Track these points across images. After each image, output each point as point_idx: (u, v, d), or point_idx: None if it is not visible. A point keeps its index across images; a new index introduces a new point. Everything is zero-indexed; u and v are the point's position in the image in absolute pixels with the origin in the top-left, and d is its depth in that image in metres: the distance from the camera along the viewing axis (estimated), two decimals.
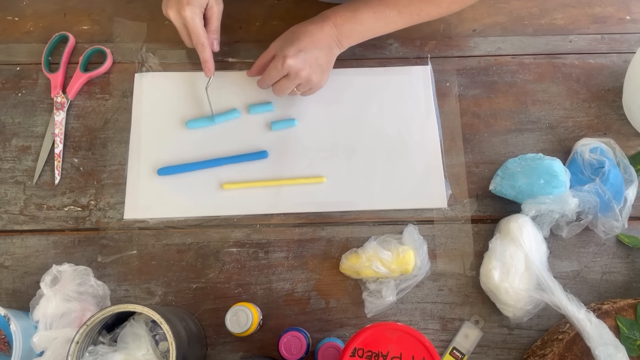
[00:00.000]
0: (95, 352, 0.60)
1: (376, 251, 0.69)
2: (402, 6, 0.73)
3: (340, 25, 0.72)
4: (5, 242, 0.73)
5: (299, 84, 0.72)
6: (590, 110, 0.80)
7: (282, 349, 0.64)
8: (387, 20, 0.74)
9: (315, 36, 0.71)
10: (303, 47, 0.70)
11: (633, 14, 0.86)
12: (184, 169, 0.75)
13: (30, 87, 0.80)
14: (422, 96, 0.80)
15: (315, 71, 0.72)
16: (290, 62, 0.69)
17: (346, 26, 0.72)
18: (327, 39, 0.72)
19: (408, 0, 0.73)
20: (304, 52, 0.70)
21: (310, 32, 0.71)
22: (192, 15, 0.70)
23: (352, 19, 0.72)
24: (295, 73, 0.70)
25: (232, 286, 0.71)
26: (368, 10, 0.73)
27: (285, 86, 0.72)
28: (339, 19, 0.72)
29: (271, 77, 0.72)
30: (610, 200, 0.68)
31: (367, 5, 0.73)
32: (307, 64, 0.70)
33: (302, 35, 0.71)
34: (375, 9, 0.73)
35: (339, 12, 0.73)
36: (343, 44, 0.74)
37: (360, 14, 0.72)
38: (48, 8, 0.85)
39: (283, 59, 0.69)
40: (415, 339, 0.54)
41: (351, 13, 0.73)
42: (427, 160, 0.77)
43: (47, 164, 0.76)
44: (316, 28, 0.72)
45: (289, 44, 0.70)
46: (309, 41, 0.70)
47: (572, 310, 0.62)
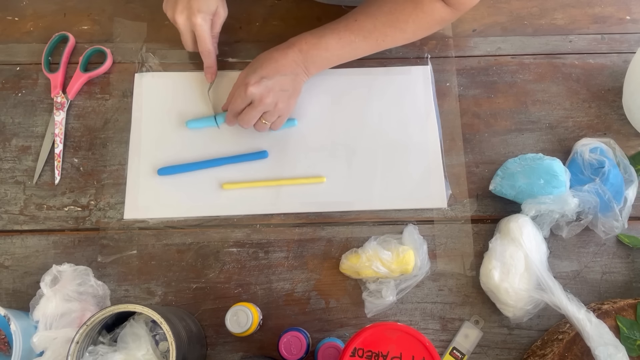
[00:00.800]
0: (95, 352, 0.60)
1: (376, 251, 0.69)
2: (367, 32, 0.72)
3: (305, 51, 0.72)
4: (5, 242, 0.73)
5: (266, 113, 0.72)
6: (590, 110, 0.80)
7: (282, 349, 0.64)
8: (353, 46, 0.73)
9: (280, 62, 0.71)
10: (266, 74, 0.70)
11: (633, 14, 0.86)
12: (184, 169, 0.75)
13: (30, 87, 0.80)
14: (422, 96, 0.80)
15: (280, 98, 0.71)
16: (252, 90, 0.69)
17: (312, 52, 0.72)
18: (292, 65, 0.71)
19: (372, 26, 0.72)
20: (266, 79, 0.69)
21: (274, 59, 0.71)
22: (202, 22, 0.71)
23: (318, 45, 0.72)
24: (258, 100, 0.70)
25: (232, 286, 0.71)
26: (334, 36, 0.72)
27: (251, 115, 0.71)
28: (304, 45, 0.72)
29: (235, 106, 0.72)
30: (610, 200, 0.68)
31: (333, 32, 0.72)
32: (270, 90, 0.70)
33: (266, 63, 0.71)
34: (340, 35, 0.72)
35: (305, 39, 0.72)
36: (310, 70, 0.74)
37: (326, 40, 0.72)
38: (48, 8, 0.85)
39: (245, 87, 0.69)
40: (415, 339, 0.54)
41: (316, 39, 0.72)
42: (427, 160, 0.77)
43: (47, 164, 0.76)
44: (280, 55, 0.71)
45: (252, 72, 0.70)
46: (272, 68, 0.70)
47: (572, 310, 0.62)
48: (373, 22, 0.72)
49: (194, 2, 0.70)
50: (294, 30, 0.84)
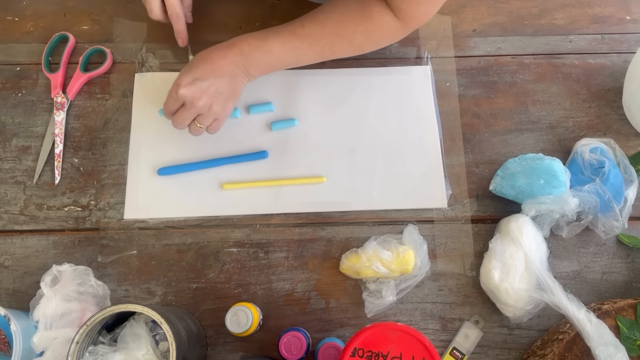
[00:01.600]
0: (95, 352, 0.60)
1: (376, 251, 0.69)
2: (313, 39, 0.70)
3: (247, 53, 0.69)
4: (5, 242, 0.73)
5: (200, 116, 0.69)
6: (590, 110, 0.80)
7: (282, 349, 0.64)
8: (298, 52, 0.71)
9: (216, 64, 0.68)
10: (200, 76, 0.67)
11: (633, 14, 0.86)
12: (184, 169, 0.75)
13: (30, 87, 0.80)
14: (422, 96, 0.80)
15: (216, 100, 0.69)
16: (182, 92, 0.66)
17: (254, 54, 0.69)
18: (230, 66, 0.68)
19: (319, 33, 0.70)
20: (200, 81, 0.67)
21: (211, 60, 0.68)
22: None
23: (261, 47, 0.69)
24: (190, 102, 0.67)
25: (232, 286, 0.71)
26: (278, 40, 0.69)
27: (183, 116, 0.69)
28: (246, 47, 0.69)
29: (168, 107, 0.70)
30: (610, 200, 0.68)
31: (278, 36, 0.70)
32: (204, 93, 0.67)
33: (202, 63, 0.68)
34: (285, 40, 0.70)
35: (247, 40, 0.69)
36: (251, 72, 0.71)
37: (270, 44, 0.69)
38: (48, 8, 0.85)
39: (176, 88, 0.67)
40: (415, 339, 0.54)
41: (260, 42, 0.69)
42: (427, 160, 0.77)
43: (47, 164, 0.76)
44: (219, 55, 0.68)
45: (186, 72, 0.68)
46: (208, 69, 0.67)
47: (572, 310, 0.62)
48: (321, 29, 0.70)
49: None
50: None
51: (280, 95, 0.80)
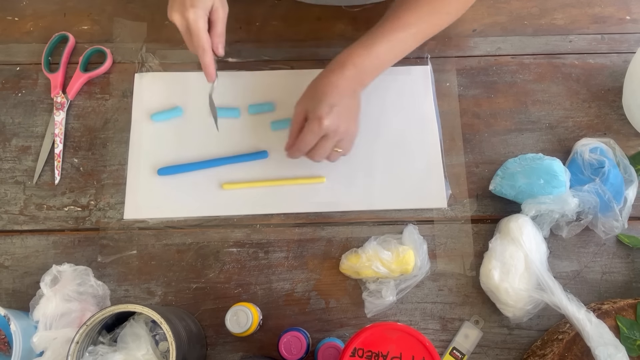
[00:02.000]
0: (95, 352, 0.60)
1: (376, 251, 0.69)
2: (414, 26, 0.70)
3: (359, 65, 0.69)
4: (5, 242, 0.73)
5: (340, 140, 0.68)
6: (590, 110, 0.80)
7: (282, 349, 0.64)
8: (403, 45, 0.71)
9: (340, 86, 0.68)
10: (334, 101, 0.66)
11: (633, 14, 0.86)
12: (184, 169, 0.75)
13: (30, 87, 0.80)
14: (422, 96, 0.80)
15: (350, 121, 0.69)
16: (326, 123, 0.65)
17: (365, 64, 0.69)
18: (351, 84, 0.69)
19: (416, 18, 0.70)
20: (336, 107, 0.66)
21: (334, 84, 0.67)
22: (195, 17, 0.67)
23: (369, 55, 0.69)
24: (334, 131, 0.66)
25: (232, 286, 0.71)
26: (383, 40, 0.69)
27: (326, 147, 0.68)
28: (357, 60, 0.69)
29: (307, 142, 0.67)
30: (610, 200, 0.68)
31: (380, 36, 0.70)
32: (342, 117, 0.67)
33: (328, 89, 0.67)
34: (389, 38, 0.70)
35: (355, 52, 0.69)
36: (364, 82, 0.71)
37: (376, 48, 0.69)
38: (48, 8, 0.85)
39: (319, 121, 0.65)
40: (415, 339, 0.54)
41: (367, 50, 0.69)
42: (427, 160, 0.77)
43: (47, 164, 0.76)
44: (338, 77, 0.68)
45: (318, 103, 0.66)
46: (336, 93, 0.67)
47: (572, 310, 0.62)
48: (417, 14, 0.70)
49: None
50: (294, 30, 0.84)
51: (280, 95, 0.80)
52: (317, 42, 0.84)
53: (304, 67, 0.82)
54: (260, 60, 0.82)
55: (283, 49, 0.83)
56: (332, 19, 0.85)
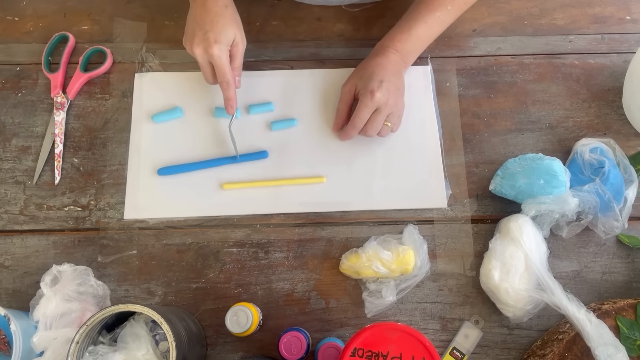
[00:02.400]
0: (95, 352, 0.60)
1: (376, 251, 0.69)
2: (449, 3, 0.74)
3: (401, 49, 0.74)
4: (5, 242, 0.73)
5: (389, 115, 0.73)
6: (590, 110, 0.80)
7: (282, 349, 0.64)
8: (439, 23, 0.75)
9: (386, 66, 0.73)
10: (382, 77, 0.71)
11: (633, 14, 0.86)
12: (184, 169, 0.75)
13: (30, 87, 0.81)
14: (422, 96, 0.80)
15: (398, 97, 0.74)
16: (378, 95, 0.70)
17: (407, 47, 0.74)
18: (396, 65, 0.74)
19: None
20: (385, 82, 0.71)
21: (380, 64, 0.73)
22: (219, 53, 0.69)
23: (409, 38, 0.74)
24: (384, 104, 0.71)
25: (232, 286, 0.71)
26: (420, 23, 0.74)
27: (378, 120, 0.72)
28: (398, 44, 0.74)
29: (362, 117, 0.72)
30: (610, 200, 0.68)
31: (417, 19, 0.74)
32: (390, 93, 0.71)
33: (376, 68, 0.72)
34: (426, 19, 0.74)
35: (395, 37, 0.74)
36: (408, 63, 0.77)
37: (415, 31, 0.74)
38: (48, 8, 0.85)
39: (371, 95, 0.70)
40: (415, 339, 0.54)
41: (406, 34, 0.74)
42: (427, 160, 0.77)
43: (47, 164, 0.76)
44: (383, 59, 0.73)
45: (368, 79, 0.71)
46: (384, 70, 0.72)
47: (572, 310, 0.62)
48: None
49: (210, 34, 0.68)
50: (294, 30, 0.84)
51: (280, 95, 0.80)
52: (317, 42, 0.84)
53: (304, 67, 0.82)
54: (260, 60, 0.82)
55: (283, 49, 0.83)
56: (332, 19, 0.85)
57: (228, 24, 0.70)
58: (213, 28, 0.69)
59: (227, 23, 0.70)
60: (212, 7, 0.70)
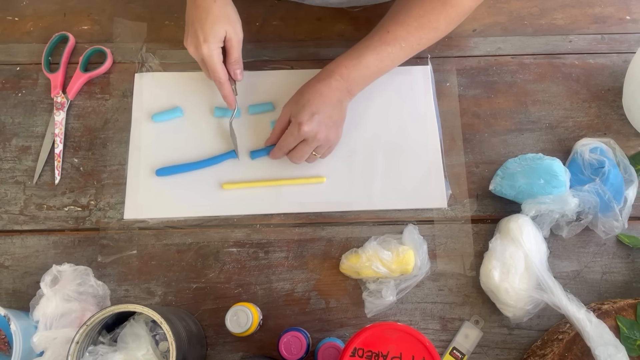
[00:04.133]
0: (95, 352, 0.60)
1: (376, 251, 0.69)
2: (402, 40, 0.71)
3: (347, 75, 0.71)
4: (5, 242, 0.73)
5: (318, 147, 0.71)
6: (590, 110, 0.80)
7: (282, 349, 0.64)
8: (391, 58, 0.72)
9: (325, 94, 0.70)
10: (316, 109, 0.69)
11: (633, 14, 0.86)
12: (182, 169, 0.75)
13: (30, 87, 0.81)
14: (422, 96, 0.80)
15: (330, 130, 0.71)
16: (306, 129, 0.68)
17: (353, 75, 0.71)
18: (336, 93, 0.71)
19: (406, 33, 0.71)
20: (317, 114, 0.69)
21: (319, 92, 0.70)
22: (209, 52, 0.69)
23: (358, 66, 0.71)
24: (313, 137, 0.69)
25: (232, 286, 0.71)
26: (371, 53, 0.71)
27: (304, 151, 0.71)
28: (344, 70, 0.71)
29: (288, 144, 0.71)
30: (610, 200, 0.68)
31: (369, 49, 0.71)
32: (322, 125, 0.69)
33: (312, 97, 0.70)
34: (377, 50, 0.71)
35: (343, 63, 0.71)
36: (353, 92, 0.73)
37: (365, 59, 0.71)
38: (48, 8, 0.85)
39: (299, 126, 0.68)
40: (415, 339, 0.54)
41: (355, 61, 0.71)
42: (427, 160, 0.77)
43: (47, 164, 0.76)
44: (324, 86, 0.70)
45: (301, 109, 0.69)
46: (319, 101, 0.69)
47: (572, 310, 0.62)
48: (406, 28, 0.71)
49: (199, 32, 0.68)
50: (294, 30, 0.84)
51: (280, 95, 0.80)
52: (317, 42, 0.84)
53: (304, 67, 0.82)
54: (260, 60, 0.82)
55: (283, 49, 0.83)
56: (332, 19, 0.85)
57: (217, 20, 0.69)
58: (202, 26, 0.68)
59: (215, 19, 0.68)
60: (200, 3, 0.69)
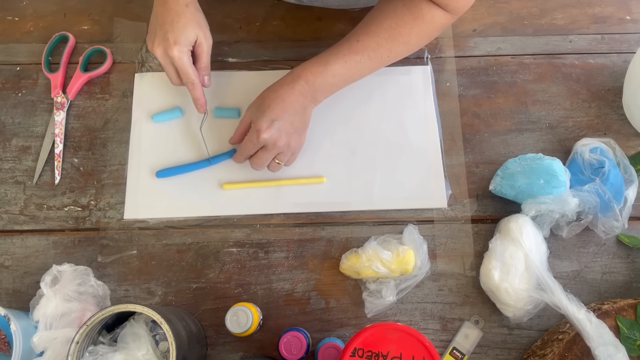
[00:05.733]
0: (95, 352, 0.60)
1: (376, 251, 0.69)
2: (372, 50, 0.70)
3: (312, 82, 0.69)
4: (5, 242, 0.73)
5: (280, 154, 0.70)
6: (590, 110, 0.80)
7: (282, 349, 0.64)
8: (358, 67, 0.71)
9: (287, 100, 0.68)
10: (275, 116, 0.67)
11: (633, 14, 0.86)
12: (180, 170, 0.75)
13: (30, 87, 0.81)
14: (422, 96, 0.80)
15: (293, 136, 0.70)
16: (264, 136, 0.67)
17: (318, 81, 0.70)
18: (299, 99, 0.69)
19: (376, 44, 0.70)
20: (277, 121, 0.67)
21: (281, 97, 0.68)
22: (179, 54, 0.68)
23: (324, 72, 0.69)
24: (272, 144, 0.68)
25: (232, 286, 0.71)
26: (339, 60, 0.70)
27: (264, 158, 0.70)
28: (310, 76, 0.69)
29: (247, 150, 0.70)
30: (610, 200, 0.68)
31: (337, 56, 0.70)
32: (282, 132, 0.68)
33: (273, 103, 0.68)
34: (345, 59, 0.70)
35: (309, 68, 0.70)
36: (318, 98, 0.71)
37: (332, 67, 0.69)
38: (48, 8, 0.85)
39: (257, 133, 0.67)
40: (415, 339, 0.54)
41: (322, 67, 0.69)
42: (427, 160, 0.77)
43: (47, 164, 0.76)
44: (287, 91, 0.69)
45: (261, 115, 0.68)
46: (280, 108, 0.68)
47: (572, 310, 0.62)
48: (376, 40, 0.70)
49: (170, 34, 0.67)
50: (294, 30, 0.84)
51: None
52: (317, 42, 0.84)
53: None
54: (260, 60, 0.82)
55: (283, 49, 0.83)
56: (332, 19, 0.85)
57: (188, 24, 0.68)
58: (173, 28, 0.68)
59: (187, 23, 0.68)
60: (172, 6, 0.68)
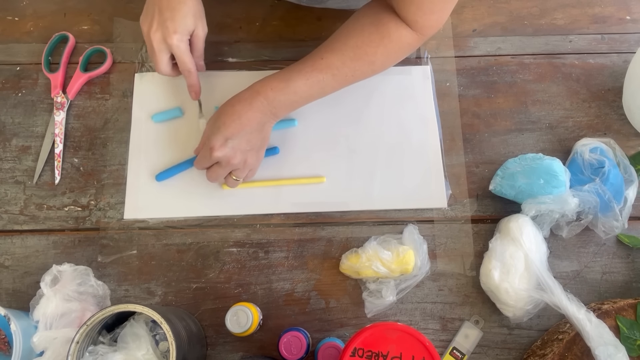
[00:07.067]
0: (95, 352, 0.60)
1: (376, 251, 0.69)
2: (335, 69, 0.69)
3: (272, 98, 0.68)
4: (5, 242, 0.73)
5: (235, 170, 0.69)
6: (590, 110, 0.80)
7: (282, 349, 0.64)
8: (321, 85, 0.69)
9: (244, 117, 0.67)
10: (230, 134, 0.66)
11: (633, 14, 0.86)
12: (181, 169, 0.75)
13: (30, 87, 0.81)
14: (422, 96, 0.80)
15: (250, 154, 0.69)
16: (217, 154, 0.66)
17: (279, 98, 0.68)
18: (257, 116, 0.68)
19: (340, 62, 0.69)
20: (231, 140, 0.66)
21: (237, 114, 0.67)
22: (178, 43, 0.68)
23: (285, 89, 0.68)
24: (226, 162, 0.67)
25: (232, 286, 0.71)
26: (300, 78, 0.68)
27: (218, 173, 0.69)
28: (270, 92, 0.68)
29: (201, 164, 0.70)
30: (610, 200, 0.68)
31: (300, 73, 0.68)
32: (236, 150, 0.67)
33: (229, 119, 0.67)
34: (307, 76, 0.68)
35: (270, 85, 0.68)
36: (278, 114, 0.70)
37: (293, 84, 0.68)
38: (48, 8, 0.85)
39: (210, 151, 0.66)
40: (415, 339, 0.54)
41: (283, 84, 0.68)
42: (427, 160, 0.77)
43: (47, 164, 0.76)
44: (244, 107, 0.67)
45: (216, 131, 0.67)
46: (237, 125, 0.66)
47: (572, 310, 0.62)
48: (341, 58, 0.69)
49: (169, 22, 0.67)
50: (294, 30, 0.84)
51: None
52: (317, 42, 0.83)
53: None
54: (260, 60, 0.82)
55: (283, 49, 0.83)
56: (332, 19, 0.85)
57: (189, 13, 0.68)
58: (174, 17, 0.67)
59: (188, 12, 0.68)
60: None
